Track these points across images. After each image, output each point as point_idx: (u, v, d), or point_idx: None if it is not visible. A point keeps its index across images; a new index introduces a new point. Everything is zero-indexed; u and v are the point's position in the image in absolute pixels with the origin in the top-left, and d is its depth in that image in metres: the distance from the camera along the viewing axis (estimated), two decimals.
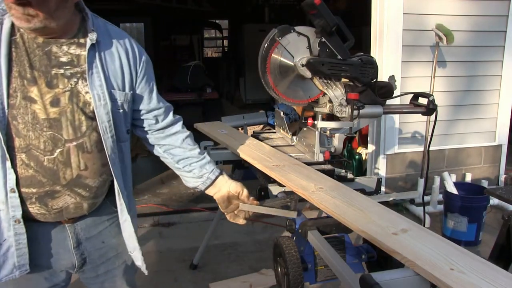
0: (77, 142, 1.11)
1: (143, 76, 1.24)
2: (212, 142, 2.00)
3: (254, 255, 2.93)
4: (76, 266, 1.27)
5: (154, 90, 1.30)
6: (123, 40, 1.21)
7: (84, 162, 1.14)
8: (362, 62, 1.73)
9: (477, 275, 0.85)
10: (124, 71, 1.19)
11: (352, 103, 1.71)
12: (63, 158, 1.10)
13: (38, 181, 1.09)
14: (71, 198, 1.15)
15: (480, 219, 2.99)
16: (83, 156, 1.13)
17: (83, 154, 1.13)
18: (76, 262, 1.26)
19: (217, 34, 10.84)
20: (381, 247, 0.99)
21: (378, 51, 3.54)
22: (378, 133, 3.70)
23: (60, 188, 1.12)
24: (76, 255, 1.25)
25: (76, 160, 1.12)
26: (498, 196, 2.09)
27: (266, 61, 1.74)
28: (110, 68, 1.16)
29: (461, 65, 3.74)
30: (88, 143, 1.13)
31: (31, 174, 1.08)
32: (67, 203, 1.15)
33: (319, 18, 1.67)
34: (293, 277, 1.18)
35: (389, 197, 1.55)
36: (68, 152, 1.10)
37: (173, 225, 3.41)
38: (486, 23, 3.67)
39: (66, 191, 1.13)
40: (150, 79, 1.28)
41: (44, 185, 1.10)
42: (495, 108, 3.91)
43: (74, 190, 1.14)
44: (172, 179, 4.54)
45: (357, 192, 1.33)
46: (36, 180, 1.09)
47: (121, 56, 1.19)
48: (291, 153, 1.85)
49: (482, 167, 4.04)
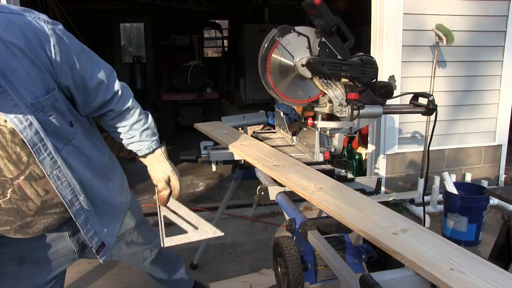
0: (25, 175, 1.00)
1: (61, 64, 1.01)
2: (212, 142, 2.00)
3: (254, 255, 2.93)
4: (77, 252, 1.28)
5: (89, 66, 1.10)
6: (14, 31, 0.92)
7: (42, 188, 1.04)
8: (362, 62, 1.73)
9: (477, 275, 0.85)
10: (33, 72, 0.95)
11: (352, 103, 1.71)
12: (18, 196, 1.01)
13: (6, 220, 1.04)
14: (49, 218, 1.10)
15: (480, 219, 2.98)
16: (37, 184, 1.03)
17: (37, 182, 1.03)
18: (75, 248, 1.27)
19: (217, 34, 10.84)
20: (381, 247, 0.99)
21: (378, 51, 3.54)
22: (378, 133, 3.70)
23: (31, 218, 1.06)
24: (73, 242, 1.26)
25: (32, 191, 1.03)
26: (498, 196, 2.09)
27: (266, 61, 1.74)
28: (15, 79, 0.92)
29: (461, 65, 3.74)
30: (37, 169, 1.02)
31: None
32: (47, 223, 1.11)
33: (319, 18, 1.67)
34: (293, 277, 1.18)
35: (389, 197, 1.55)
36: (20, 188, 1.01)
37: (173, 225, 3.40)
38: (486, 23, 3.67)
39: (39, 217, 1.08)
40: (73, 58, 1.04)
41: (14, 221, 1.05)
42: (495, 108, 3.91)
43: (46, 213, 1.09)
44: None
45: (357, 192, 1.33)
46: (4, 220, 1.04)
47: (20, 55, 0.92)
48: (291, 153, 1.85)
49: (482, 167, 4.04)
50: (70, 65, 1.04)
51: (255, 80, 2.23)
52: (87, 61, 1.11)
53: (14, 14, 0.94)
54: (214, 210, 3.33)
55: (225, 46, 10.78)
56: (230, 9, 9.38)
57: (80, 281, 2.56)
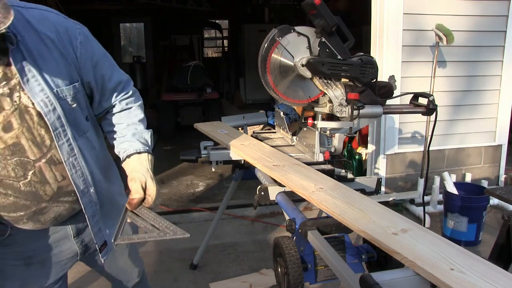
0: (46, 158, 1.06)
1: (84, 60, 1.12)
2: (212, 142, 2.00)
3: (254, 255, 2.93)
4: (79, 254, 1.30)
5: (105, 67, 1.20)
6: (47, 27, 1.05)
7: (60, 174, 1.09)
8: (362, 62, 1.73)
9: (477, 275, 0.85)
10: (61, 62, 1.06)
11: (352, 103, 1.71)
12: (38, 178, 1.06)
13: (22, 205, 1.06)
14: (60, 207, 1.13)
15: (480, 219, 2.99)
16: (56, 168, 1.08)
17: (56, 166, 1.08)
18: (78, 250, 1.28)
19: (217, 34, 10.84)
20: (381, 247, 0.99)
21: (378, 51, 3.54)
22: (378, 133, 3.70)
23: (45, 204, 1.10)
24: (77, 243, 1.27)
25: (51, 175, 1.08)
26: (498, 196, 2.09)
27: (266, 61, 1.74)
28: (45, 66, 1.03)
29: (461, 65, 3.74)
30: (57, 154, 1.07)
31: (13, 201, 1.05)
32: (58, 212, 1.14)
33: (319, 18, 1.67)
34: (293, 277, 1.18)
35: (389, 197, 1.55)
36: (41, 171, 1.06)
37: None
38: (486, 23, 3.67)
39: (53, 204, 1.11)
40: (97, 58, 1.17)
41: (30, 206, 1.07)
42: (495, 108, 3.91)
43: (60, 200, 1.12)
44: (172, 179, 4.55)
45: (357, 192, 1.33)
46: (20, 204, 1.06)
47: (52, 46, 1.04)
48: (291, 153, 1.85)
49: (482, 167, 4.04)
50: (93, 64, 1.15)
51: (255, 80, 2.22)
52: (109, 64, 1.23)
53: (49, 12, 1.09)
54: (214, 210, 3.33)
55: (225, 46, 10.79)
56: (230, 9, 9.38)
57: (80, 281, 2.56)
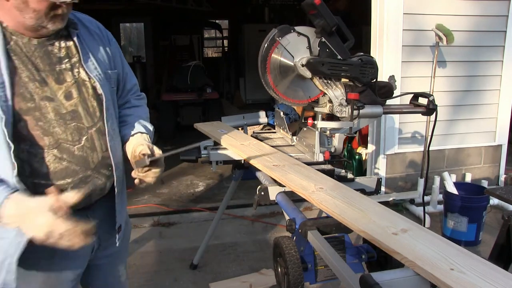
0: (96, 127, 1.21)
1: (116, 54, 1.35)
2: (212, 142, 2.00)
3: (254, 255, 2.93)
4: (93, 251, 1.32)
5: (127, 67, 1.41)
6: (92, 24, 1.30)
7: (104, 144, 1.23)
8: (362, 62, 1.73)
9: (477, 275, 0.85)
10: (103, 52, 1.28)
11: (352, 103, 1.71)
12: (89, 144, 1.19)
13: (72, 170, 1.16)
14: (99, 179, 1.23)
15: (480, 219, 2.99)
16: (103, 138, 1.22)
17: (103, 137, 1.22)
18: (95, 245, 1.31)
19: (217, 34, 10.84)
20: (381, 247, 0.99)
21: (378, 51, 3.54)
22: (378, 133, 3.70)
23: (90, 172, 1.20)
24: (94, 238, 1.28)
25: (99, 144, 1.21)
26: (498, 196, 2.09)
27: (266, 61, 1.75)
28: (95, 52, 1.25)
29: (461, 65, 3.74)
30: (103, 126, 1.22)
31: (65, 166, 1.15)
32: (95, 185, 1.22)
33: (319, 18, 1.67)
34: (293, 277, 1.18)
35: (389, 197, 1.55)
36: (92, 138, 1.20)
37: (173, 225, 3.41)
38: (486, 23, 3.67)
39: (95, 174, 1.22)
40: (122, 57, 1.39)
41: (78, 172, 1.17)
42: (495, 108, 3.91)
43: (100, 171, 1.23)
44: (172, 179, 4.55)
45: (357, 192, 1.33)
46: (70, 170, 1.16)
47: (97, 39, 1.28)
48: (291, 153, 1.85)
49: (482, 167, 4.05)
50: (121, 59, 1.37)
51: (255, 80, 2.23)
52: (128, 67, 1.42)
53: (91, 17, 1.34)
54: (214, 210, 3.33)
55: (225, 46, 10.78)
56: (230, 9, 9.38)
57: None
